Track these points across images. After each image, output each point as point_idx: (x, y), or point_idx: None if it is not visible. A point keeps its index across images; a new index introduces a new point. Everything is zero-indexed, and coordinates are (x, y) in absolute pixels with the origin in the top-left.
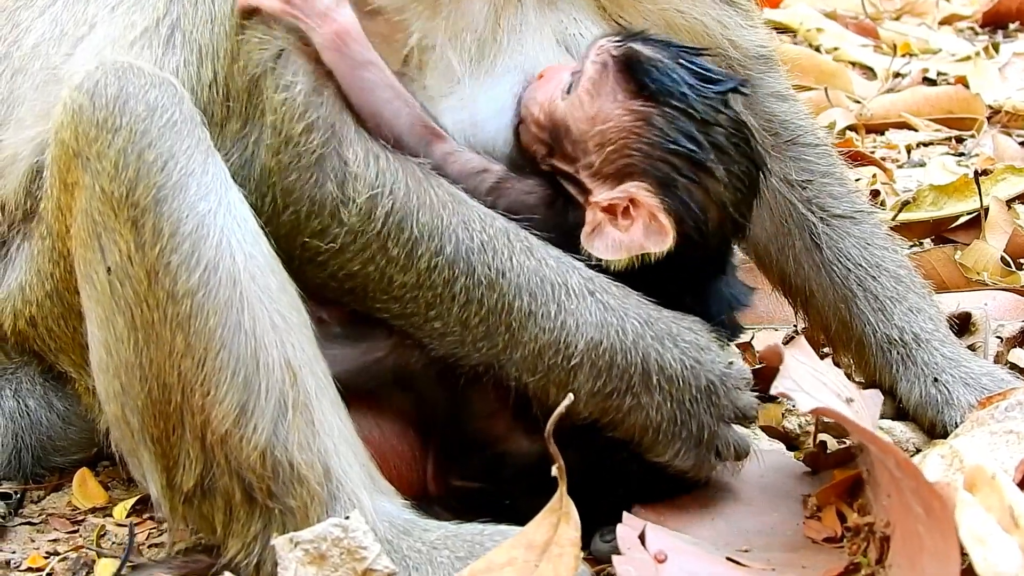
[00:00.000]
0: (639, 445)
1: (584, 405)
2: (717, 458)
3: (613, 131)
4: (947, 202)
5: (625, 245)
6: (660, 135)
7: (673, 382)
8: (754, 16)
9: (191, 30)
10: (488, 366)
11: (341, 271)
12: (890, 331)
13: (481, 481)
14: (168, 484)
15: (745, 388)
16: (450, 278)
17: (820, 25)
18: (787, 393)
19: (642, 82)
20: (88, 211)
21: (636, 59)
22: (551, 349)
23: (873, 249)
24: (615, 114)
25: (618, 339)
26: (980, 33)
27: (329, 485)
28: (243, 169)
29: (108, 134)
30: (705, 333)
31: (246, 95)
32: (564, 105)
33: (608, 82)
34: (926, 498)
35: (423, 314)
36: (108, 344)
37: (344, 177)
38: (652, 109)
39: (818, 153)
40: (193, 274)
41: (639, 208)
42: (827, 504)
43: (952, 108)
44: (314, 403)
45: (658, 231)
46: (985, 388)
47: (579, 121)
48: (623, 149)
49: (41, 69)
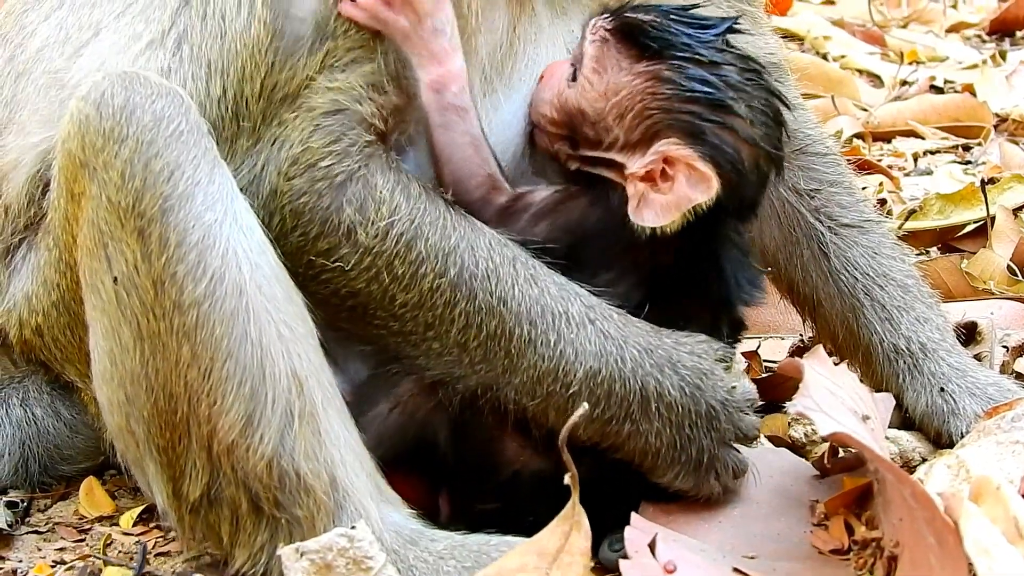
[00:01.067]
0: (639, 467)
1: (583, 430)
2: (716, 479)
3: (628, 98)
4: (953, 211)
5: (673, 204)
6: (674, 87)
7: (672, 409)
8: (762, 23)
9: (199, 44)
10: (486, 388)
11: (344, 288)
12: (897, 340)
13: (501, 502)
14: (174, 494)
15: (748, 409)
16: (451, 300)
17: (827, 33)
18: (806, 414)
19: (643, 43)
20: (95, 221)
21: (631, 25)
22: (550, 376)
23: (881, 259)
24: (625, 81)
25: (617, 368)
26: (987, 41)
27: (335, 495)
28: (251, 186)
29: (115, 144)
30: (709, 356)
31: (260, 116)
32: (573, 92)
33: (611, 55)
34: (940, 530)
35: (421, 333)
36: (113, 354)
37: (366, 201)
38: (659, 65)
39: (826, 162)
40: (199, 284)
41: (675, 164)
42: (835, 513)
43: (959, 116)
44: (320, 413)
45: (700, 179)
46: (991, 398)
47: (593, 101)
48: (643, 112)
49: (44, 73)
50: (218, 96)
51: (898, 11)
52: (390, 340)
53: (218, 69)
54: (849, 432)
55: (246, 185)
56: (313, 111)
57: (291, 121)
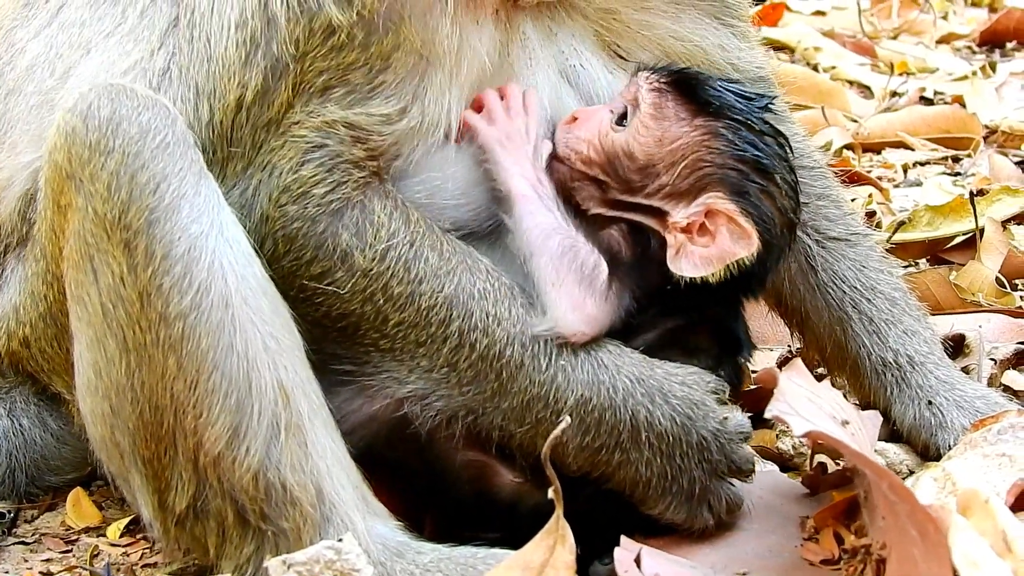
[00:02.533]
0: (631, 497)
1: (573, 459)
2: (709, 512)
3: (683, 148)
4: (943, 222)
5: (716, 256)
6: (728, 145)
7: (663, 439)
8: (751, 36)
9: (187, 66)
10: (470, 412)
11: (336, 310)
12: (885, 353)
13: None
14: (160, 506)
15: (741, 441)
16: (446, 318)
17: (818, 44)
18: (781, 416)
19: (704, 100)
20: (81, 233)
21: (692, 80)
22: (540, 402)
23: (868, 271)
24: (683, 131)
25: (608, 396)
26: (977, 52)
27: (322, 507)
28: (242, 210)
29: (101, 156)
30: (701, 387)
31: (249, 140)
32: (623, 136)
33: (670, 105)
34: (921, 522)
35: (412, 351)
36: (98, 366)
37: (363, 226)
38: (717, 123)
39: (814, 175)
40: (185, 296)
41: (717, 218)
42: (825, 526)
43: (949, 128)
44: (307, 425)
45: (742, 235)
46: (979, 411)
47: (646, 145)
48: (696, 163)
49: (34, 92)
50: (206, 119)
51: (889, 22)
52: (376, 357)
53: (205, 92)
54: (823, 430)
55: (237, 209)
56: (299, 141)
57: (279, 148)
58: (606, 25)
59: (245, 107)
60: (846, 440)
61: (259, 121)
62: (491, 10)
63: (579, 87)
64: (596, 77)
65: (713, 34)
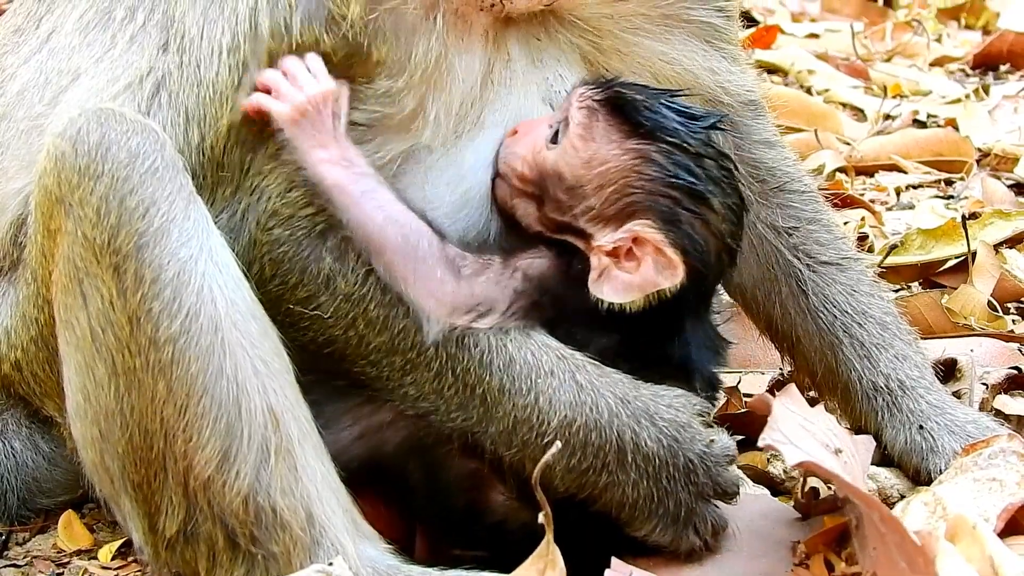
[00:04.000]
0: (618, 519)
1: (560, 480)
2: (695, 534)
3: (612, 171)
4: (935, 246)
5: (637, 284)
6: (660, 170)
7: (649, 460)
8: (741, 60)
9: (177, 91)
10: (463, 436)
11: (322, 336)
12: (876, 378)
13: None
14: (151, 529)
15: (727, 465)
16: (420, 341)
17: (811, 66)
18: (774, 446)
19: (636, 121)
20: (70, 257)
21: (625, 100)
22: (525, 425)
23: (859, 296)
24: (612, 154)
25: (592, 417)
26: (971, 75)
27: (312, 530)
28: (231, 234)
29: (90, 181)
30: (687, 409)
31: (238, 165)
32: (554, 154)
33: (600, 125)
34: (910, 552)
35: (397, 378)
36: (87, 390)
37: (346, 251)
38: (649, 146)
39: (804, 200)
40: (175, 320)
41: (644, 246)
42: (815, 552)
43: (942, 151)
44: (297, 448)
45: (667, 265)
46: (970, 435)
47: (574, 167)
48: (624, 188)
49: (25, 117)
50: (196, 143)
51: (882, 45)
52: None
53: (195, 117)
54: (816, 461)
55: (226, 234)
56: (287, 165)
57: (269, 173)
58: (595, 45)
59: (236, 131)
60: (838, 471)
61: (249, 145)
62: (480, 30)
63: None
64: None
65: (703, 57)
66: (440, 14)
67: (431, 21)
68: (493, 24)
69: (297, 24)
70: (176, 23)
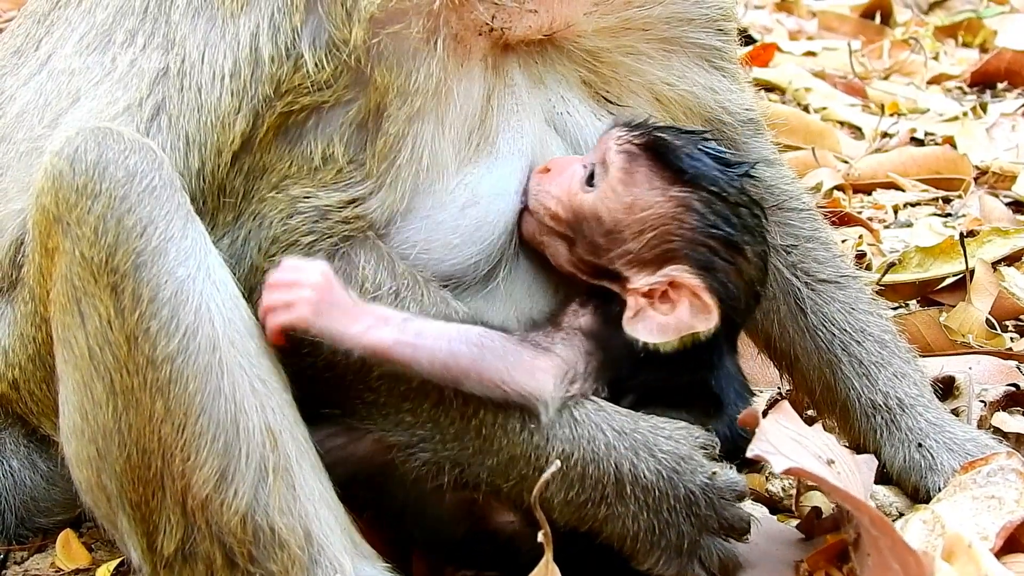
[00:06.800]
0: (621, 552)
1: (559, 513)
2: (701, 567)
3: (654, 217)
4: (933, 264)
5: (673, 327)
6: (700, 219)
7: (649, 492)
8: (741, 78)
9: (177, 116)
10: (456, 465)
11: (322, 361)
12: (874, 396)
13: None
14: (148, 548)
15: (734, 500)
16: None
17: (809, 84)
18: (762, 456)
19: (678, 168)
20: (68, 276)
21: (665, 146)
22: (522, 460)
23: (858, 314)
24: (656, 201)
25: (590, 449)
26: (968, 93)
27: (310, 549)
28: (232, 259)
29: (88, 200)
30: (688, 441)
31: (240, 191)
32: (592, 197)
33: (641, 170)
34: (902, 555)
35: (396, 405)
36: (84, 409)
37: (349, 277)
38: (691, 195)
39: (803, 218)
40: (172, 340)
41: (680, 289)
42: (817, 569)
43: (939, 169)
44: (295, 467)
45: (703, 309)
46: (969, 453)
47: (614, 211)
48: (665, 234)
49: (24, 139)
50: (197, 168)
51: (880, 63)
52: (363, 410)
53: (196, 142)
54: (804, 467)
55: (226, 259)
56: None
57: (271, 199)
58: (594, 69)
59: (237, 156)
60: (827, 476)
61: (251, 171)
62: (480, 55)
63: (566, 134)
64: (583, 124)
65: (704, 77)
66: (440, 39)
67: (431, 45)
68: (492, 49)
69: (299, 49)
70: (176, 46)
